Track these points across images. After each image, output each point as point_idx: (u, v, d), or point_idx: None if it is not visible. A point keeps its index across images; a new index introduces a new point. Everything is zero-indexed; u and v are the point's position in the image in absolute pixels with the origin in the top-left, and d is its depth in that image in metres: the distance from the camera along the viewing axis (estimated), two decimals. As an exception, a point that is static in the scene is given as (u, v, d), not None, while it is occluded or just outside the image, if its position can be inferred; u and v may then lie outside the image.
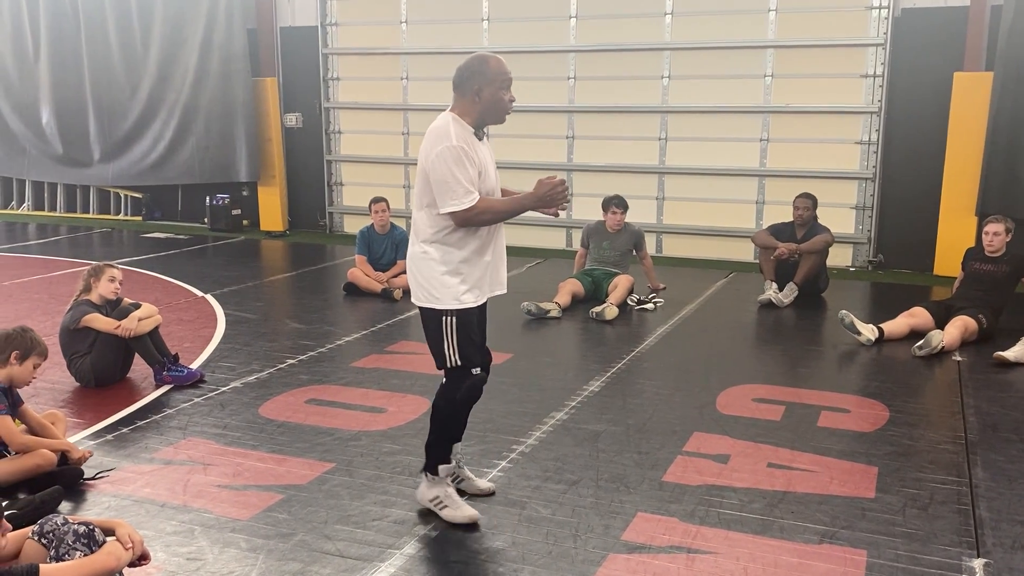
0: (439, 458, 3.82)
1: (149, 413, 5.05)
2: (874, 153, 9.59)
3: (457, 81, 3.70)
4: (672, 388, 5.53)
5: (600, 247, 8.01)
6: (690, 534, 3.64)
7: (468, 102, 3.67)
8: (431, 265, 3.66)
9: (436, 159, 3.55)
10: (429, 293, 3.67)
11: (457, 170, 3.53)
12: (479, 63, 3.68)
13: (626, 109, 10.50)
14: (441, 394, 3.78)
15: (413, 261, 3.74)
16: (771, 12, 9.74)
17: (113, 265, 5.66)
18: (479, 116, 3.69)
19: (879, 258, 9.75)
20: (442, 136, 3.58)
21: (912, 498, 3.99)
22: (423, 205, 3.67)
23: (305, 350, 6.33)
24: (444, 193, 3.55)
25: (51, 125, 13.28)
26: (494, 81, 3.66)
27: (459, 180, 3.53)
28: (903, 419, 5.00)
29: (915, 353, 6.25)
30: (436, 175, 3.56)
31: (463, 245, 3.67)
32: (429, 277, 3.67)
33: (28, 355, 4.13)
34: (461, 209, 3.55)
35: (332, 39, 11.85)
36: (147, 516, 3.78)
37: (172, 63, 12.28)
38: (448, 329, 3.66)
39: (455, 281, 3.65)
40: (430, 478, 3.83)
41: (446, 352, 3.68)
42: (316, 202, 12.30)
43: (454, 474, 4.02)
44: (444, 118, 3.67)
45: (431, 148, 3.59)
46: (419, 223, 3.70)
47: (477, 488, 4.02)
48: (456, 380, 3.72)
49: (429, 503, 3.82)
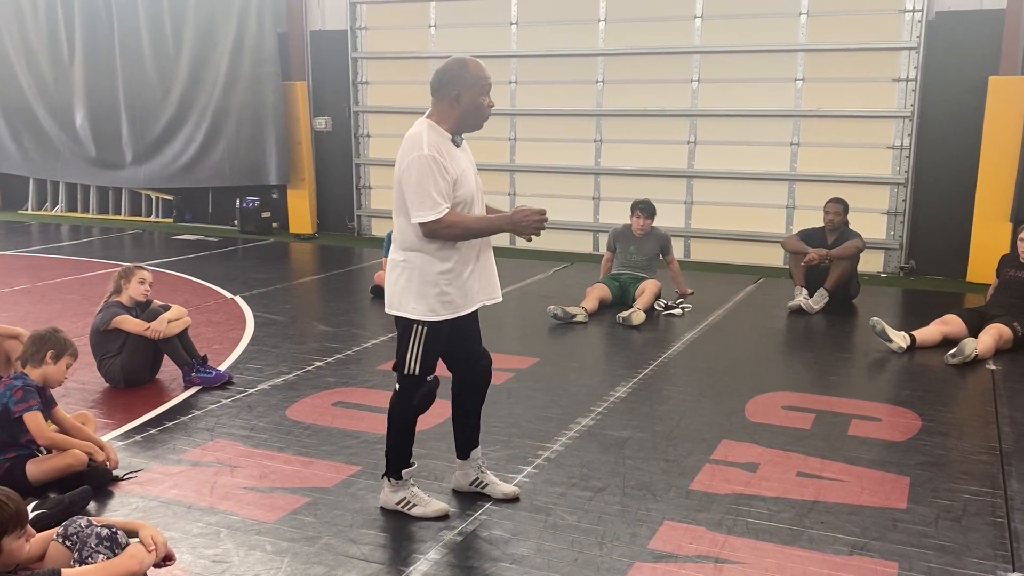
0: (401, 462, 3.84)
1: (177, 414, 5.08)
2: (906, 158, 9.47)
3: (435, 85, 3.63)
4: (700, 395, 5.48)
5: (627, 251, 7.97)
6: (718, 543, 3.60)
7: (446, 107, 3.61)
8: (410, 274, 3.62)
9: (407, 168, 3.51)
10: (403, 302, 3.64)
11: (426, 180, 3.47)
12: (458, 67, 3.61)
13: (654, 113, 10.45)
14: (397, 401, 3.79)
15: (392, 268, 3.71)
16: (802, 16, 9.65)
17: (143, 267, 5.72)
18: (457, 122, 3.63)
19: (911, 264, 9.62)
20: (415, 144, 3.53)
21: (945, 509, 3.92)
22: (400, 212, 3.62)
23: (332, 352, 6.35)
24: (413, 203, 3.51)
25: (85, 128, 13.45)
26: (473, 86, 3.60)
27: (427, 191, 3.47)
28: (935, 428, 4.92)
29: (948, 361, 6.15)
30: (407, 184, 3.52)
31: (443, 255, 3.61)
32: (405, 286, 3.63)
33: (62, 355, 4.19)
34: (428, 221, 3.50)
35: (361, 43, 11.91)
36: (174, 517, 3.80)
37: (203, 67, 12.40)
38: (416, 338, 3.65)
39: (432, 292, 3.61)
40: (392, 482, 3.84)
41: (407, 359, 3.68)
42: (344, 205, 12.36)
43: (477, 479, 4.03)
44: (419, 124, 3.61)
45: (404, 156, 3.54)
46: (398, 230, 3.66)
47: (502, 493, 4.01)
48: (411, 387, 3.73)
49: (396, 506, 3.83)
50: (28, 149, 14.09)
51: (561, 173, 11.04)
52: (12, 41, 13.77)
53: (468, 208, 3.68)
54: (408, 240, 3.62)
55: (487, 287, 3.84)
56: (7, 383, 4.10)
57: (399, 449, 3.84)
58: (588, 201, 10.97)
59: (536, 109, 11.02)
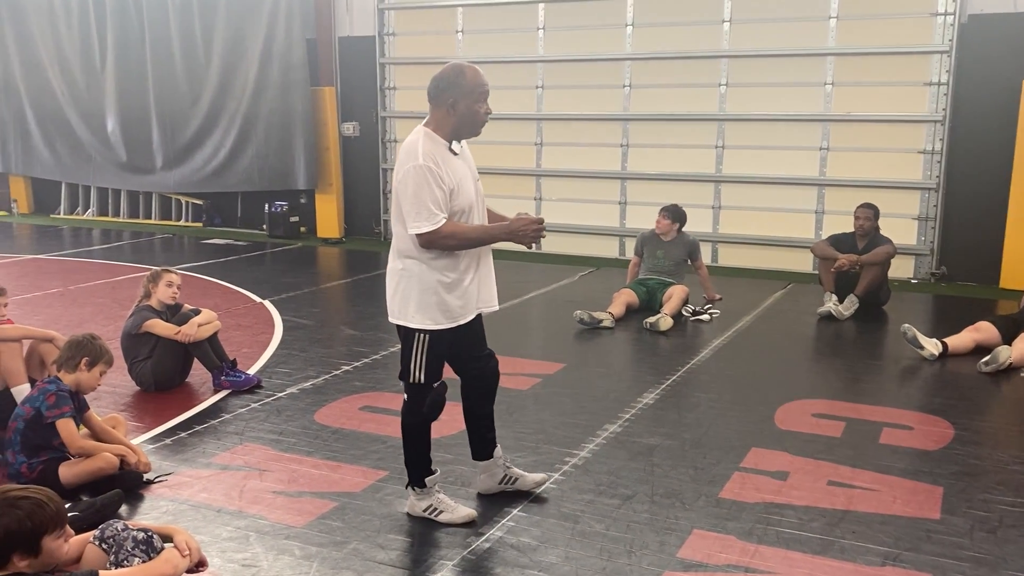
0: (422, 471, 3.84)
1: (207, 418, 5.12)
2: (938, 163, 9.36)
3: (432, 92, 3.61)
4: (729, 402, 5.44)
5: (654, 256, 7.94)
6: (748, 553, 3.57)
7: (443, 114, 3.59)
8: (409, 283, 3.62)
9: (403, 178, 3.51)
10: (403, 311, 3.64)
11: (422, 191, 3.46)
12: (455, 74, 3.58)
13: (682, 117, 10.41)
14: (408, 411, 3.80)
15: (391, 277, 3.70)
16: (832, 19, 9.57)
17: (171, 270, 5.77)
18: (454, 129, 3.61)
19: (942, 270, 9.50)
20: (411, 154, 3.51)
21: (980, 520, 3.86)
22: (399, 221, 3.60)
23: (359, 357, 6.37)
24: (409, 214, 3.50)
25: (116, 133, 13.61)
26: (470, 93, 3.57)
27: (423, 201, 3.46)
28: (969, 437, 4.85)
29: (981, 369, 6.06)
30: (403, 195, 3.51)
31: (443, 265, 3.60)
32: (406, 295, 3.63)
33: (96, 362, 4.23)
34: (424, 231, 3.49)
35: (389, 49, 11.96)
36: (203, 521, 3.83)
37: (233, 73, 12.51)
38: (419, 347, 3.66)
39: (432, 301, 3.61)
40: (417, 491, 3.84)
41: (412, 368, 3.68)
42: (371, 210, 12.41)
43: (507, 476, 4.05)
44: (416, 133, 3.59)
45: (400, 166, 3.54)
46: (398, 239, 3.65)
47: (534, 482, 4.06)
48: (418, 394, 3.74)
49: (423, 513, 3.83)
50: (61, 154, 14.28)
51: (588, 177, 11.02)
52: (46, 48, 13.97)
53: (467, 217, 3.65)
54: (406, 249, 3.61)
55: (486, 295, 3.81)
56: (41, 387, 4.15)
57: (417, 458, 3.85)
58: (615, 205, 10.93)
59: (563, 114, 11.01)
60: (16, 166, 14.75)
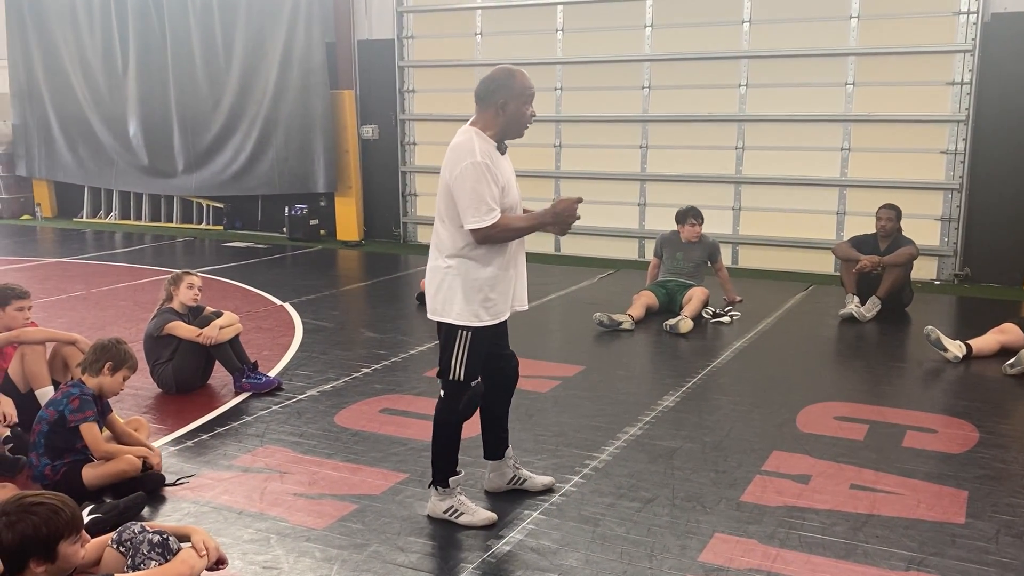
0: (448, 471, 3.85)
1: (228, 420, 5.15)
2: (961, 163, 9.27)
3: (482, 93, 3.69)
4: (750, 405, 5.40)
5: (674, 258, 7.90)
6: (770, 557, 3.54)
7: (491, 115, 3.68)
8: (454, 280, 3.66)
9: (460, 175, 3.56)
10: (447, 308, 3.68)
11: (481, 187, 3.54)
12: (506, 76, 3.68)
13: (702, 118, 10.36)
14: (443, 408, 3.82)
15: (434, 275, 3.74)
16: (853, 19, 9.50)
17: (191, 272, 5.80)
18: (501, 130, 3.70)
19: (966, 271, 9.41)
20: (466, 152, 3.58)
21: (1006, 525, 3.81)
22: (446, 219, 3.67)
23: (379, 359, 6.38)
24: (467, 210, 3.56)
25: (138, 137, 13.72)
26: (520, 95, 3.67)
27: (482, 197, 3.54)
28: (994, 441, 4.80)
29: (1006, 371, 5.99)
30: (460, 191, 3.57)
31: (488, 261, 3.67)
32: (450, 292, 3.67)
33: (120, 367, 4.24)
34: (483, 227, 3.56)
35: (408, 52, 11.99)
36: (225, 523, 3.84)
37: (253, 77, 12.58)
38: (461, 344, 3.69)
39: (477, 298, 3.67)
40: (440, 491, 3.85)
41: (452, 366, 3.72)
42: (391, 212, 12.44)
43: (515, 477, 4.08)
44: (467, 132, 3.66)
45: (456, 163, 3.59)
46: (442, 237, 3.71)
47: (542, 484, 4.10)
48: (457, 392, 3.78)
49: (444, 515, 3.84)
50: (83, 158, 14.42)
51: (607, 179, 11.00)
52: (69, 53, 14.12)
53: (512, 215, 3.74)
54: (453, 246, 3.67)
55: (520, 293, 3.90)
56: (64, 391, 4.18)
57: (445, 457, 3.86)
58: (634, 207, 10.91)
59: (581, 115, 11.00)
60: (40, 170, 14.90)
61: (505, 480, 4.10)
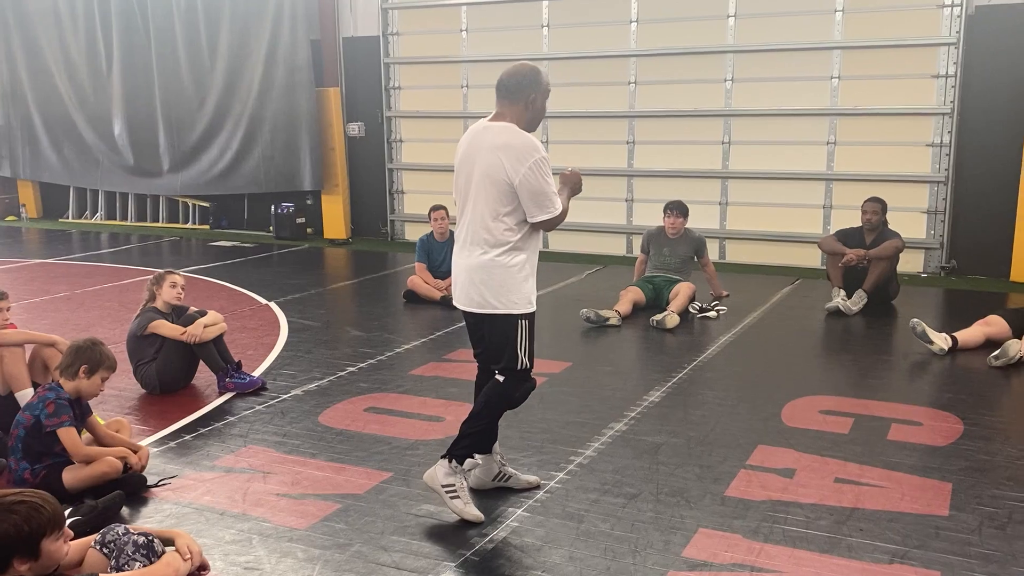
0: (472, 451, 3.89)
1: (212, 420, 5.11)
2: (946, 156, 9.29)
3: (512, 87, 3.79)
4: (735, 399, 5.40)
5: (660, 253, 7.90)
6: (754, 551, 3.53)
7: (520, 110, 3.81)
8: (509, 272, 3.76)
9: (532, 170, 3.67)
10: (505, 300, 3.76)
11: (550, 179, 3.73)
12: (535, 73, 3.82)
13: (688, 113, 10.36)
14: (499, 391, 3.85)
15: (485, 271, 3.77)
16: (838, 12, 9.51)
17: (174, 271, 5.76)
18: (527, 123, 3.83)
19: (952, 264, 9.43)
20: (531, 148, 3.70)
21: (989, 517, 3.81)
22: (500, 214, 3.74)
23: (365, 358, 6.36)
24: (541, 203, 3.71)
25: (123, 137, 13.65)
26: (546, 92, 3.85)
27: (553, 189, 3.75)
28: (978, 433, 4.80)
29: (991, 363, 6.01)
30: (533, 186, 3.69)
31: (532, 249, 3.85)
32: (507, 284, 3.75)
33: (96, 369, 4.17)
34: (554, 216, 3.75)
35: (393, 49, 11.95)
36: (207, 524, 3.82)
37: (238, 75, 12.52)
38: (523, 332, 3.80)
39: (529, 286, 3.82)
40: (452, 466, 3.85)
41: (519, 354, 3.79)
42: (378, 210, 12.41)
43: (501, 473, 4.10)
44: (511, 129, 3.76)
45: (521, 160, 3.67)
46: (494, 232, 3.75)
47: (526, 482, 4.12)
48: (519, 380, 3.85)
49: (441, 488, 3.84)
50: (68, 158, 14.33)
51: (594, 175, 10.92)
52: (52, 53, 14.02)
53: None
54: (507, 239, 3.75)
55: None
56: (41, 395, 4.14)
57: (479, 437, 3.90)
58: (621, 203, 10.90)
59: (568, 111, 10.97)
60: (24, 171, 14.81)
61: (490, 476, 4.10)
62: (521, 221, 3.74)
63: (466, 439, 3.87)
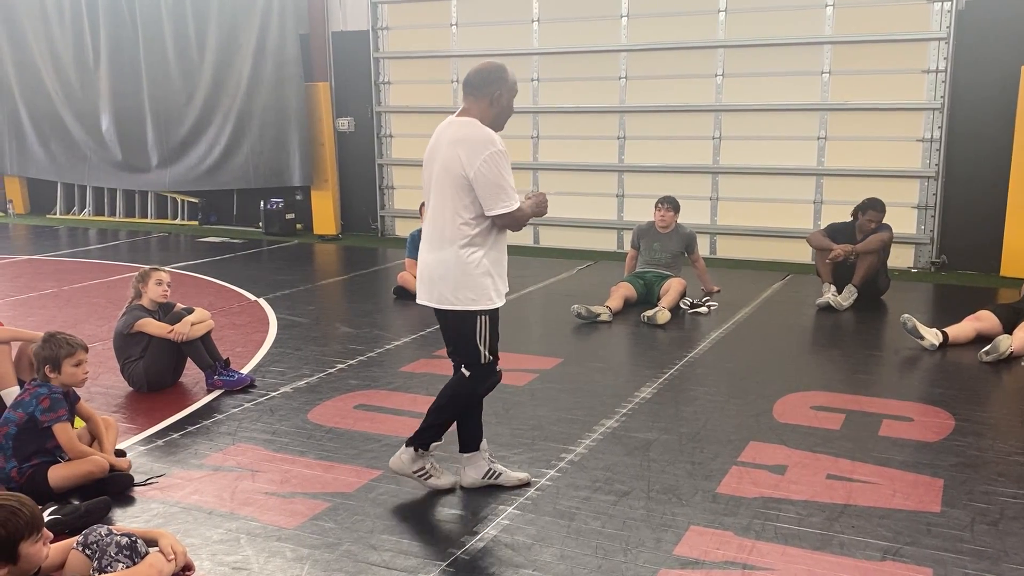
0: (435, 438, 4.01)
1: (200, 418, 5.07)
2: (937, 151, 9.29)
3: (477, 83, 3.82)
4: (727, 395, 5.39)
5: (651, 249, 7.88)
6: (745, 549, 3.52)
7: (485, 106, 3.83)
8: (467, 268, 3.77)
9: (487, 163, 3.67)
10: (463, 296, 3.79)
11: (505, 174, 3.72)
12: (500, 70, 3.84)
13: (679, 108, 10.34)
14: (463, 385, 3.94)
15: (444, 266, 3.81)
16: (828, 7, 9.50)
17: (159, 268, 5.71)
18: (492, 121, 3.84)
19: (942, 259, 9.44)
20: (486, 141, 3.71)
21: (981, 513, 3.81)
22: (458, 208, 3.75)
23: (355, 354, 6.32)
24: (497, 196, 3.70)
25: (111, 132, 13.55)
26: (512, 89, 3.87)
27: (508, 183, 3.73)
28: (970, 428, 4.80)
29: (982, 359, 6.01)
30: (488, 179, 3.69)
31: (494, 245, 3.84)
32: (464, 280, 3.77)
33: (59, 363, 4.08)
34: (510, 211, 3.73)
35: (383, 43, 11.89)
36: (194, 523, 3.78)
37: (227, 70, 12.44)
38: (483, 328, 3.83)
39: (490, 282, 3.81)
40: (418, 452, 3.98)
41: (480, 349, 3.84)
42: (368, 206, 12.36)
43: (491, 471, 4.12)
44: (471, 123, 3.79)
45: (476, 153, 3.69)
46: (453, 227, 3.78)
47: (517, 480, 4.13)
48: (486, 374, 3.92)
49: (412, 474, 4.01)
50: (55, 154, 14.23)
51: (584, 171, 10.96)
52: (39, 47, 13.91)
53: None
54: (466, 234, 3.76)
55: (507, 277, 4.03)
56: (32, 391, 4.08)
57: (442, 427, 4.00)
58: (612, 199, 10.88)
59: (559, 106, 10.95)
60: (11, 167, 14.70)
61: (480, 474, 4.09)
62: (479, 216, 3.73)
63: (431, 429, 4.00)
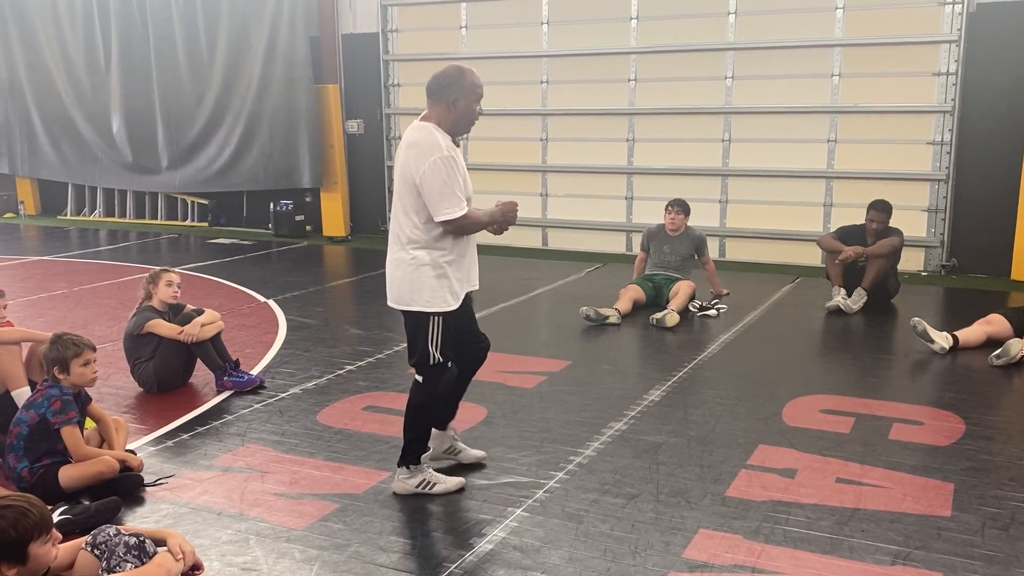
0: (421, 450, 4.07)
1: (209, 419, 5.09)
2: (947, 154, 9.26)
3: (434, 88, 3.86)
4: (736, 398, 5.37)
5: (660, 251, 7.87)
6: (754, 552, 3.51)
7: (443, 110, 3.85)
8: (419, 270, 3.83)
9: (431, 169, 3.70)
10: (416, 297, 3.85)
11: (451, 180, 3.72)
12: (457, 74, 3.86)
13: (688, 111, 10.32)
14: (422, 391, 3.99)
15: (396, 266, 3.89)
16: (839, 10, 9.47)
17: (169, 269, 5.73)
18: (452, 125, 3.87)
19: (952, 262, 9.40)
20: (432, 146, 3.74)
21: (992, 517, 3.79)
22: (409, 211, 3.81)
23: (363, 356, 6.33)
24: (440, 202, 3.72)
25: (121, 133, 13.60)
26: (470, 92, 3.86)
27: (453, 190, 3.73)
28: (980, 432, 4.78)
29: (992, 362, 5.98)
30: (431, 185, 3.71)
31: (450, 249, 3.85)
32: (416, 282, 3.83)
33: (67, 365, 4.10)
34: (455, 217, 3.74)
35: (393, 46, 11.91)
36: (203, 524, 3.79)
37: (237, 72, 12.48)
38: (434, 330, 3.87)
39: (442, 285, 3.84)
40: (410, 469, 4.02)
41: (430, 350, 3.88)
42: (377, 207, 12.37)
43: (451, 447, 4.30)
44: (426, 128, 3.82)
45: (422, 159, 3.73)
46: (405, 229, 3.84)
47: (474, 457, 4.30)
48: (438, 376, 3.94)
49: (416, 489, 4.03)
50: (66, 155, 14.29)
51: (594, 173, 10.96)
52: (51, 50, 13.97)
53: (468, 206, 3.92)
54: (414, 237, 3.82)
55: (473, 276, 4.08)
56: (44, 392, 4.10)
57: (421, 439, 4.05)
58: (621, 201, 10.87)
59: (568, 109, 10.95)
60: (22, 168, 14.77)
61: (442, 448, 4.33)
62: (430, 220, 3.77)
63: (412, 443, 4.03)
